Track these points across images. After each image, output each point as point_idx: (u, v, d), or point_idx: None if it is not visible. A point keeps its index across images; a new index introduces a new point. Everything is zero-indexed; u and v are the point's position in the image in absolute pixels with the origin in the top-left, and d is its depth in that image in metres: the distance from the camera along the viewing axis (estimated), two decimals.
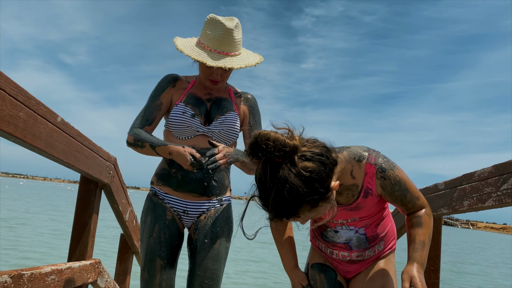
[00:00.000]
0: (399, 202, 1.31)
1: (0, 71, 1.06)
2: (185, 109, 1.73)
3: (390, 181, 1.28)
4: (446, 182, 1.89)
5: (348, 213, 1.35)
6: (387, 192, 1.30)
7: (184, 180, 1.71)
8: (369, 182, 1.29)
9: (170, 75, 1.83)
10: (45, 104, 1.33)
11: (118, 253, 3.24)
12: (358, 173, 1.29)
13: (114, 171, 2.22)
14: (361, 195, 1.30)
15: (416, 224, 1.30)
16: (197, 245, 1.72)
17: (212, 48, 1.67)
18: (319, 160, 1.09)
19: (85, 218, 2.06)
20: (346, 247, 1.44)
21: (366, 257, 1.46)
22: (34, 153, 1.39)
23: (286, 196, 1.05)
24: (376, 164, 1.28)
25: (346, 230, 1.41)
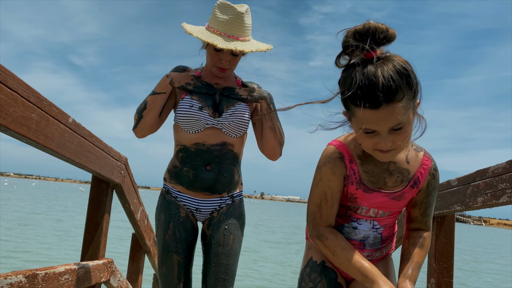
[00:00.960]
0: (422, 208, 1.32)
1: (13, 74, 1.07)
2: (191, 102, 1.71)
3: (436, 182, 1.30)
4: (459, 179, 1.87)
5: (389, 202, 1.30)
6: (426, 192, 1.30)
7: (195, 178, 1.72)
8: (422, 174, 1.29)
9: (176, 66, 1.84)
10: (56, 105, 1.34)
11: (130, 253, 3.26)
12: (413, 160, 1.28)
13: (125, 171, 2.23)
14: (410, 184, 1.28)
15: (420, 244, 1.31)
16: (211, 241, 1.74)
17: (222, 32, 1.65)
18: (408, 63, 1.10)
19: (97, 218, 2.07)
20: (359, 245, 1.39)
21: (375, 257, 1.42)
22: (45, 154, 1.41)
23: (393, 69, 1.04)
24: (432, 161, 1.30)
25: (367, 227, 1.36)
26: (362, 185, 1.28)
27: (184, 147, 1.73)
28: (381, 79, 1.03)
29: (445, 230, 2.14)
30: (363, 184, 1.28)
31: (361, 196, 1.30)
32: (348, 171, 1.27)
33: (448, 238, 2.14)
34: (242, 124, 1.75)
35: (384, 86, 1.03)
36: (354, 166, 1.27)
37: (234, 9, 1.65)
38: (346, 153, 1.28)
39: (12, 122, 1.08)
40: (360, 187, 1.28)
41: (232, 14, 1.65)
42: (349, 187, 1.30)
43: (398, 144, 1.12)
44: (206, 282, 1.73)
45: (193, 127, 1.71)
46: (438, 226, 2.14)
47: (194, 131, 1.71)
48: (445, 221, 2.15)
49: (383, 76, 1.03)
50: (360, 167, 1.27)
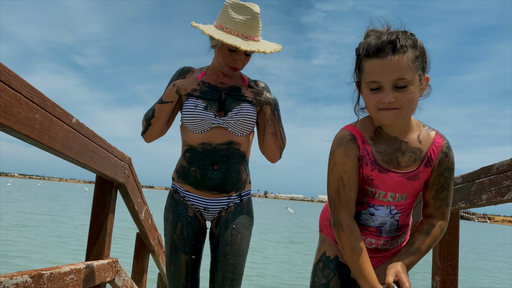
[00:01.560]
0: (434, 190, 1.30)
1: (16, 74, 1.07)
2: (196, 103, 1.71)
3: (449, 162, 1.29)
4: (464, 176, 1.86)
5: (405, 182, 1.29)
6: (438, 171, 1.29)
7: (203, 178, 1.72)
8: (434, 152, 1.29)
9: (181, 67, 1.84)
10: (60, 106, 1.35)
11: (135, 252, 3.27)
12: (425, 139, 1.29)
13: (129, 171, 2.24)
14: (424, 162, 1.29)
15: (425, 231, 1.29)
16: (219, 240, 1.74)
17: (239, 33, 1.64)
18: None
19: (102, 218, 2.08)
20: (376, 232, 1.37)
21: (390, 246, 1.41)
22: (49, 154, 1.41)
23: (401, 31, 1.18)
24: (445, 139, 1.30)
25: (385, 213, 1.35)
26: (377, 165, 1.28)
27: (191, 147, 1.74)
28: (390, 35, 1.17)
29: (449, 227, 2.13)
30: (378, 164, 1.28)
31: (377, 177, 1.29)
32: (361, 151, 1.28)
33: (453, 235, 2.13)
34: (248, 123, 1.75)
35: (391, 39, 1.15)
36: (367, 146, 1.28)
37: (250, 9, 1.65)
38: (358, 135, 1.29)
39: (16, 123, 1.09)
40: (375, 168, 1.28)
41: (249, 14, 1.64)
42: (364, 169, 1.29)
43: (401, 103, 1.18)
44: (213, 281, 1.74)
45: (199, 127, 1.71)
46: None
47: (200, 131, 1.71)
48: (450, 218, 2.14)
49: (391, 34, 1.17)
50: (373, 147, 1.28)
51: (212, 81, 1.78)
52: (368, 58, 1.18)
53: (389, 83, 1.16)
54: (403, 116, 1.19)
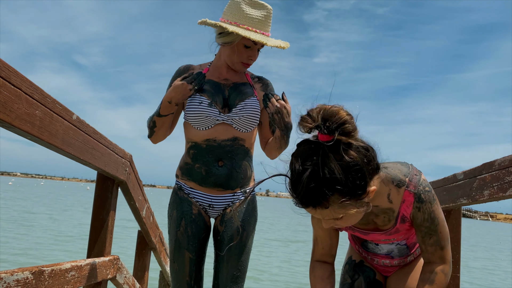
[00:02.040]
0: (421, 237, 1.26)
1: (16, 70, 1.07)
2: (200, 99, 1.70)
3: (425, 214, 1.24)
4: (465, 172, 1.85)
5: (389, 236, 1.34)
6: (415, 224, 1.26)
7: (208, 175, 1.71)
8: (405, 210, 1.25)
9: (181, 66, 1.83)
10: (60, 102, 1.34)
11: (136, 250, 3.27)
12: (395, 198, 1.24)
13: (130, 168, 2.24)
14: (398, 221, 1.28)
15: (429, 280, 1.24)
16: (224, 237, 1.74)
17: (257, 29, 1.64)
18: (364, 155, 1.05)
19: (103, 215, 2.08)
20: (387, 257, 1.46)
21: (408, 261, 1.48)
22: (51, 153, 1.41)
23: (321, 176, 1.00)
24: (416, 194, 1.23)
25: (388, 244, 1.41)
26: (356, 229, 1.36)
27: (195, 143, 1.73)
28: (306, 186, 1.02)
29: (451, 224, 2.12)
30: (356, 228, 1.36)
31: (361, 235, 1.38)
32: None
33: (455, 232, 2.13)
34: (253, 118, 1.74)
35: (306, 193, 1.02)
36: None
37: (265, 6, 1.66)
38: None
39: (16, 119, 1.08)
40: (355, 231, 1.37)
41: (265, 11, 1.65)
42: (348, 232, 1.42)
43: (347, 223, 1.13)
44: (218, 278, 1.74)
45: (204, 124, 1.70)
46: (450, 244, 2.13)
47: (204, 128, 1.71)
48: (451, 215, 2.13)
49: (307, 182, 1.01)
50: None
51: (216, 78, 1.77)
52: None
53: (326, 220, 1.12)
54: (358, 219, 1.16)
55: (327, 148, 1.03)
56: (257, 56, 1.73)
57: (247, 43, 1.65)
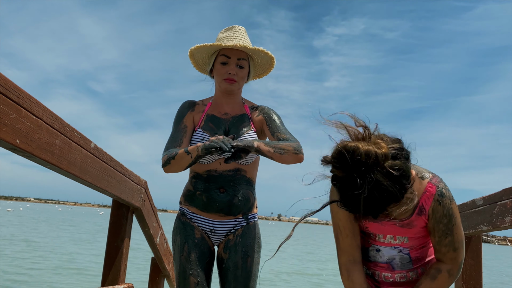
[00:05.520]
0: (437, 237, 1.27)
1: (38, 101, 1.09)
2: (203, 135, 1.76)
3: (444, 209, 1.25)
4: (485, 198, 1.82)
5: (399, 229, 1.31)
6: (434, 219, 1.26)
7: (209, 201, 1.73)
8: (426, 201, 1.26)
9: (187, 101, 1.88)
10: (79, 131, 1.37)
11: (150, 277, 3.24)
12: (417, 188, 1.26)
13: (145, 195, 2.24)
14: (416, 212, 1.27)
15: (431, 276, 1.25)
16: (229, 264, 1.73)
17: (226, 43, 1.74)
18: (402, 156, 1.11)
19: (118, 242, 2.08)
20: (388, 267, 1.39)
21: (411, 279, 1.40)
22: (64, 178, 1.42)
23: (377, 197, 1.06)
24: (438, 187, 1.26)
25: (389, 249, 1.37)
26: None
27: (197, 174, 1.77)
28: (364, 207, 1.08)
29: (471, 251, 2.07)
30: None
31: (371, 226, 1.34)
32: None
33: (476, 259, 2.07)
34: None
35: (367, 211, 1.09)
36: None
37: (234, 26, 1.79)
38: None
39: (36, 149, 1.10)
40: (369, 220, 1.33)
41: (233, 30, 1.78)
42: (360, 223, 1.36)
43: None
44: None
45: (205, 159, 1.73)
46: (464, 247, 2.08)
47: (206, 162, 1.74)
48: (472, 242, 2.08)
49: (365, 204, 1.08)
50: None
51: (217, 113, 1.82)
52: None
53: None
54: None
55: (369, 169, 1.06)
56: (239, 72, 1.76)
57: (222, 59, 1.74)
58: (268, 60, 1.83)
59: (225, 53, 1.73)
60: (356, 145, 1.07)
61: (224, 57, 1.73)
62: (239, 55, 1.75)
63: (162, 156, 1.73)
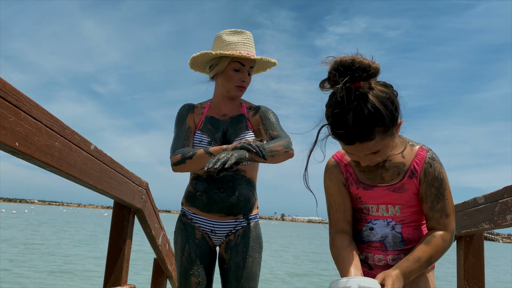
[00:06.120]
0: (429, 202, 1.29)
1: (37, 104, 1.10)
2: (201, 138, 1.77)
3: (435, 171, 1.29)
4: (486, 196, 1.81)
5: (391, 194, 1.33)
6: (426, 182, 1.29)
7: (209, 201, 1.74)
8: (417, 164, 1.31)
9: (186, 104, 1.89)
10: (79, 133, 1.37)
11: (152, 278, 3.25)
12: (408, 154, 1.32)
13: (146, 196, 2.25)
14: (407, 175, 1.31)
15: (426, 241, 1.27)
16: (231, 265, 1.74)
17: (241, 51, 1.73)
18: (391, 88, 1.17)
19: (119, 244, 2.08)
20: (381, 247, 1.39)
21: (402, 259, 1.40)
22: (67, 181, 1.43)
23: (366, 113, 1.10)
24: (428, 152, 1.31)
25: (383, 225, 1.37)
26: (361, 183, 1.36)
27: (198, 175, 1.78)
28: (352, 123, 1.11)
29: (473, 249, 2.07)
30: (361, 182, 1.36)
31: (363, 194, 1.36)
32: (345, 174, 1.38)
33: (478, 257, 2.07)
34: None
35: (355, 129, 1.12)
36: (349, 168, 1.38)
37: (245, 32, 1.78)
38: (341, 160, 1.39)
39: (36, 151, 1.11)
40: (359, 186, 1.36)
41: (245, 36, 1.77)
42: (351, 188, 1.39)
43: (376, 160, 1.23)
44: None
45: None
46: (466, 245, 2.07)
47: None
48: (474, 240, 2.08)
49: (354, 119, 1.11)
50: (356, 168, 1.36)
51: (215, 114, 1.84)
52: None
53: (361, 156, 1.21)
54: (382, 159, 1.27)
55: (361, 89, 1.12)
56: (248, 79, 1.80)
57: (235, 66, 1.74)
58: (271, 65, 1.89)
59: (240, 60, 1.74)
60: (353, 58, 1.13)
61: (239, 64, 1.75)
62: (251, 63, 1.77)
63: (172, 155, 1.71)
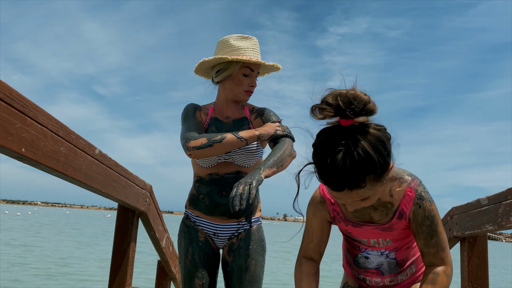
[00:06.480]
0: (422, 239, 1.25)
1: (43, 110, 1.11)
2: None
3: (425, 212, 1.24)
4: (490, 197, 1.81)
5: (381, 232, 1.31)
6: (416, 222, 1.25)
7: (212, 204, 1.75)
8: (405, 205, 1.26)
9: (192, 103, 1.89)
10: (83, 138, 1.38)
11: (156, 280, 3.26)
12: (396, 193, 1.25)
13: (150, 199, 2.26)
14: (396, 216, 1.27)
15: (431, 281, 1.22)
16: (234, 268, 1.74)
17: (250, 56, 1.74)
18: (384, 131, 1.07)
19: (124, 247, 2.09)
20: (377, 273, 1.41)
21: (400, 281, 1.42)
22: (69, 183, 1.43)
23: (356, 159, 0.99)
24: (417, 191, 1.26)
25: (377, 255, 1.38)
26: (350, 221, 1.33)
27: (200, 177, 1.80)
28: (341, 169, 1.00)
29: (477, 250, 2.07)
30: (350, 220, 1.33)
31: (353, 230, 1.35)
32: (332, 213, 1.35)
33: (481, 259, 2.07)
34: (253, 154, 1.78)
35: (344, 176, 1.01)
36: (337, 207, 1.34)
37: (251, 37, 1.78)
38: (328, 198, 1.35)
39: (42, 157, 1.12)
40: (348, 223, 1.34)
41: (253, 41, 1.77)
42: (340, 225, 1.37)
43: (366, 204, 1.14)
44: None
45: (207, 163, 1.76)
46: (470, 247, 2.07)
47: (208, 166, 1.77)
48: (477, 241, 2.08)
49: (344, 164, 1.00)
50: (343, 207, 1.30)
51: (219, 116, 1.85)
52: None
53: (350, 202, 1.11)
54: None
55: (353, 130, 1.03)
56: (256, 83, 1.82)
57: (245, 71, 1.75)
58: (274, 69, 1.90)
59: (250, 65, 1.75)
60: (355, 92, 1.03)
61: (248, 69, 1.75)
62: (258, 68, 1.79)
63: (192, 140, 1.65)
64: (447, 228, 2.25)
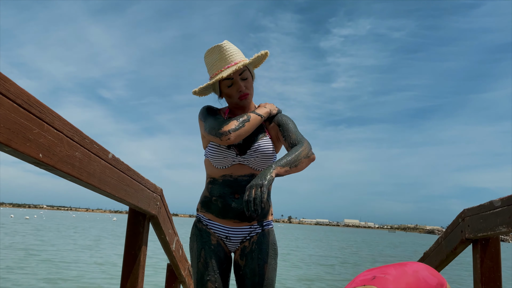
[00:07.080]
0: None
1: (59, 115, 1.11)
2: None
3: None
4: (503, 199, 1.80)
5: None
6: None
7: (224, 207, 1.75)
8: None
9: (209, 106, 1.90)
10: (97, 142, 1.38)
11: (166, 283, 3.26)
12: None
13: (161, 202, 2.26)
14: None
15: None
16: (246, 272, 1.74)
17: (223, 68, 1.74)
18: None
19: (135, 250, 2.09)
20: None
21: None
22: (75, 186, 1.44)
23: None
24: None
25: None
26: None
27: (214, 179, 1.80)
28: None
29: (490, 253, 2.05)
30: None
31: None
32: None
33: (494, 261, 2.05)
34: (267, 158, 1.78)
35: None
36: None
37: (217, 45, 1.76)
38: None
39: (58, 162, 1.12)
40: None
41: (218, 50, 1.75)
42: None
43: None
44: None
45: (222, 164, 1.77)
46: (482, 249, 2.06)
47: (222, 167, 1.78)
48: (490, 243, 2.06)
49: None
50: None
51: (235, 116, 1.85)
52: None
53: None
54: None
55: None
56: (245, 83, 1.79)
57: (226, 83, 1.76)
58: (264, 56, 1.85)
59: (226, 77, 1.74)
60: None
61: (228, 80, 1.75)
62: (239, 71, 1.76)
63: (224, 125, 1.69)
64: (458, 230, 2.23)
